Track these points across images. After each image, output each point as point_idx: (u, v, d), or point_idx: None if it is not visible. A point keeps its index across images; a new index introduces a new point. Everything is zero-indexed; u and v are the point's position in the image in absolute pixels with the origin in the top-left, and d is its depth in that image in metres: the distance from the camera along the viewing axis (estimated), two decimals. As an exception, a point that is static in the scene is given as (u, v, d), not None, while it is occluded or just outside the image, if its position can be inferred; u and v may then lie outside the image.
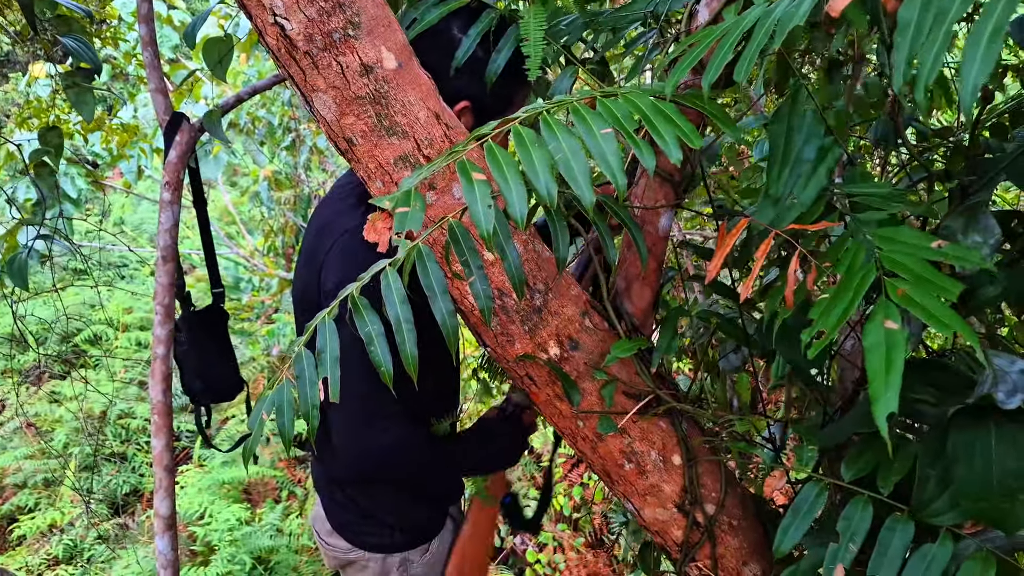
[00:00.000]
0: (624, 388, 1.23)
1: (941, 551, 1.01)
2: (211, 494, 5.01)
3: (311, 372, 0.88)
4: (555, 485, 4.84)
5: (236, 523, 4.79)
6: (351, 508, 1.55)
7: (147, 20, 1.73)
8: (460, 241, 0.92)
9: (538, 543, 4.68)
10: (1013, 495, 0.94)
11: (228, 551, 4.62)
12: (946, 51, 0.70)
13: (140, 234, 7.33)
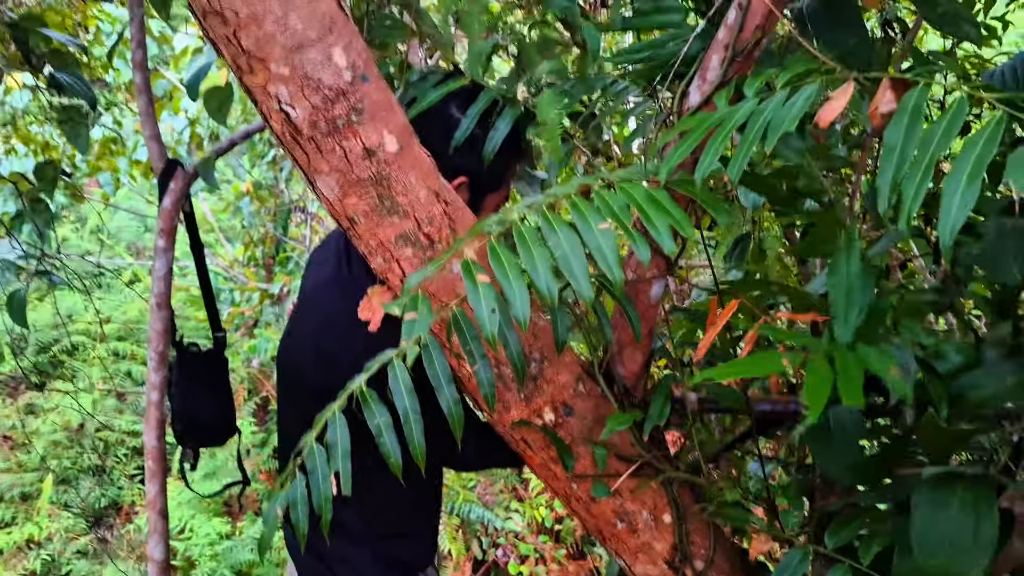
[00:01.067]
0: (617, 451, 1.27)
1: (916, 624, 1.06)
2: (191, 508, 4.99)
3: (323, 466, 0.91)
4: (537, 497, 4.89)
5: (217, 537, 4.78)
6: (323, 572, 1.57)
7: (141, 67, 1.74)
8: (464, 330, 0.95)
9: (519, 555, 4.72)
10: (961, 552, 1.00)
11: (209, 565, 4.62)
12: (930, 181, 0.74)
13: (117, 242, 7.27)
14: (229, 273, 5.76)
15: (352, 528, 1.52)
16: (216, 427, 1.83)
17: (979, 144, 0.74)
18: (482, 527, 4.76)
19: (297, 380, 1.45)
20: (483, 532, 4.76)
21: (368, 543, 1.55)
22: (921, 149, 0.78)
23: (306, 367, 1.38)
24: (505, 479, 5.09)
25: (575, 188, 0.98)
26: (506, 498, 4.96)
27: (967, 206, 0.72)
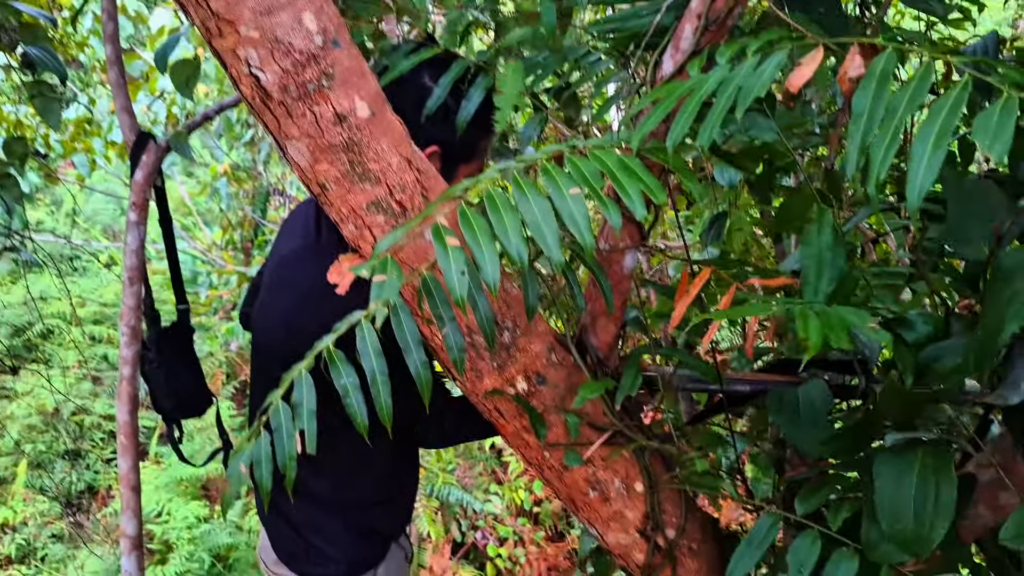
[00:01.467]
0: (589, 420, 1.28)
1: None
2: (168, 491, 4.97)
3: (288, 424, 0.90)
4: (516, 480, 4.91)
5: (195, 521, 4.77)
6: (296, 540, 1.57)
7: (112, 40, 1.72)
8: (433, 294, 0.95)
9: (499, 537, 4.74)
10: (921, 517, 1.01)
11: (187, 549, 4.60)
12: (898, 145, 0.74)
13: (92, 225, 7.20)
14: (207, 256, 5.72)
15: (324, 497, 1.53)
16: (193, 398, 1.82)
17: (945, 107, 0.75)
18: (461, 510, 4.77)
19: (268, 351, 1.45)
20: (462, 515, 4.78)
21: (340, 512, 1.55)
22: (889, 113, 0.79)
23: (276, 337, 1.38)
24: (484, 462, 5.10)
25: (547, 154, 0.98)
26: (485, 481, 4.98)
27: (934, 169, 0.72)
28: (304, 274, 1.37)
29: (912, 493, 1.04)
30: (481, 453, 5.09)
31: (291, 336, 1.28)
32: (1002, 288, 1.00)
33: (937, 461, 1.05)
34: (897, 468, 1.07)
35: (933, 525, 1.02)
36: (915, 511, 1.03)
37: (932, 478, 1.04)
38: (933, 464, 1.06)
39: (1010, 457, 1.13)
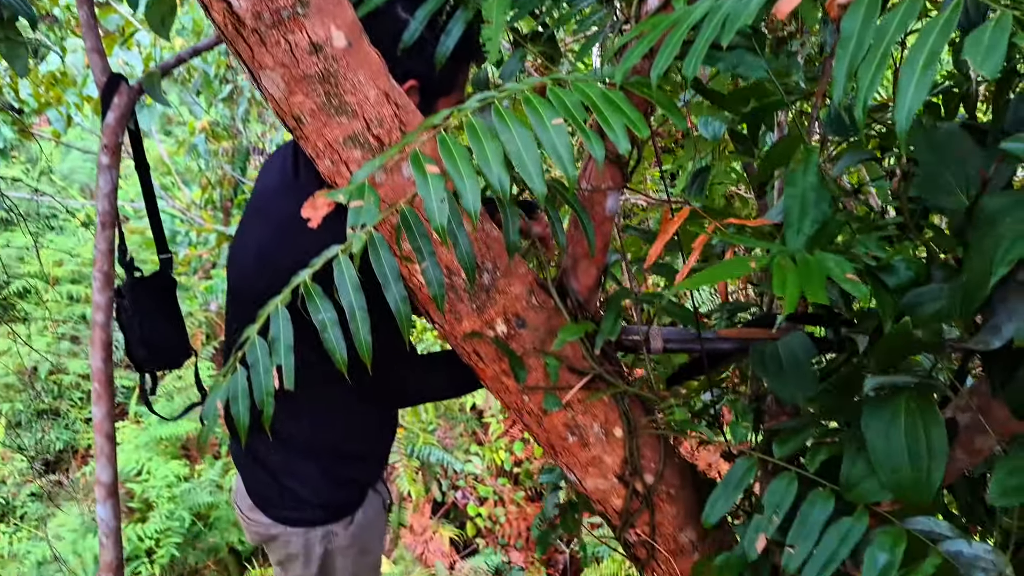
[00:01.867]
0: (569, 364, 1.27)
1: (857, 525, 1.07)
2: (148, 450, 4.95)
3: (265, 360, 0.89)
4: (496, 440, 4.93)
5: (175, 479, 4.75)
6: (271, 485, 1.56)
7: (81, -24, 1.66)
8: (412, 227, 0.93)
9: (479, 497, 4.77)
10: (917, 462, 1.01)
11: (167, 507, 4.59)
12: (885, 68, 0.73)
13: (70, 184, 7.09)
14: (186, 215, 5.65)
15: (300, 441, 1.51)
16: (170, 350, 1.79)
17: (936, 28, 0.73)
18: (442, 469, 4.79)
19: (244, 287, 1.42)
20: (443, 474, 4.80)
21: (316, 457, 1.53)
22: (877, 37, 0.77)
23: (251, 273, 1.36)
24: (465, 423, 5.12)
25: (529, 85, 0.96)
26: (466, 441, 4.99)
27: (923, 90, 0.71)
28: (279, 208, 1.35)
29: (903, 440, 1.04)
30: (462, 414, 5.11)
31: (265, 271, 1.26)
32: (987, 232, 0.99)
33: (922, 404, 1.05)
34: (884, 417, 1.06)
35: (930, 469, 1.02)
36: (910, 457, 1.03)
37: (919, 422, 1.04)
38: (918, 408, 1.05)
39: (987, 401, 1.13)
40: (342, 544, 1.58)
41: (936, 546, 1.04)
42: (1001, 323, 1.03)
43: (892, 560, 1.02)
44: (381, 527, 1.69)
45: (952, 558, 1.03)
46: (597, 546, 4.24)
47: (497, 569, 4.35)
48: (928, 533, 1.06)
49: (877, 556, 1.03)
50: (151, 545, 4.43)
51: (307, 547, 1.58)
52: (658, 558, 1.41)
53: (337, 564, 1.60)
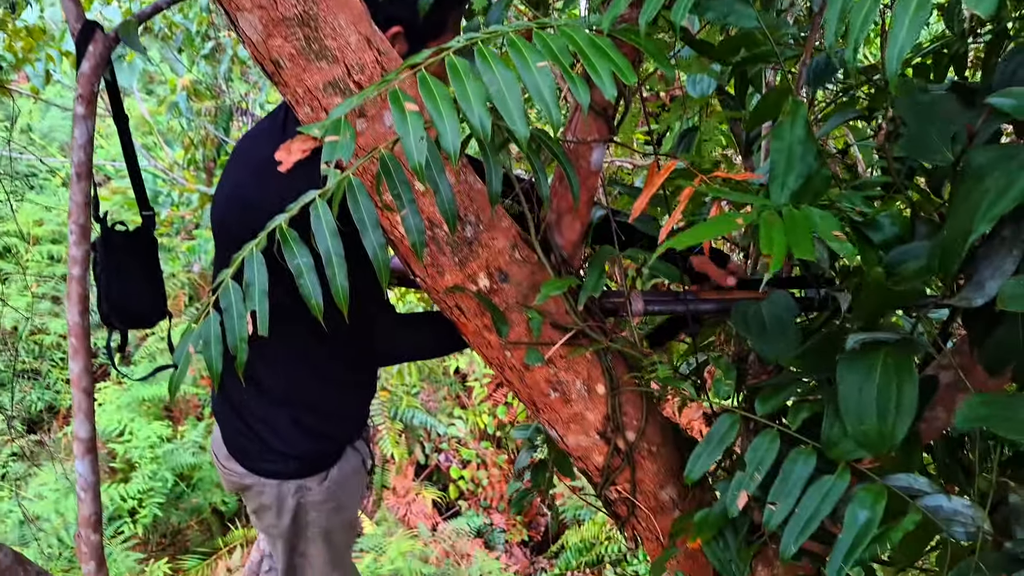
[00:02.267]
0: (552, 320, 1.25)
1: (838, 483, 1.07)
2: (131, 411, 4.94)
3: (239, 305, 0.87)
4: (480, 404, 4.94)
5: (157, 440, 4.75)
6: (246, 435, 1.55)
7: (54, -82, 1.61)
8: (392, 173, 0.90)
9: (462, 460, 4.79)
10: (885, 416, 1.01)
11: (149, 468, 4.59)
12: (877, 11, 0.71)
13: (49, 142, 6.98)
14: (169, 176, 5.58)
15: (276, 393, 1.50)
16: (145, 309, 1.77)
17: (929, -30, 0.71)
18: (425, 432, 4.80)
19: (225, 232, 1.40)
20: (426, 437, 4.81)
21: (292, 410, 1.52)
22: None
23: (231, 217, 1.34)
24: (449, 387, 5.12)
25: (515, 28, 0.93)
26: (449, 405, 5.01)
27: (916, 29, 0.69)
28: (259, 151, 1.32)
29: (875, 394, 1.04)
30: (446, 378, 5.11)
31: (243, 212, 1.23)
32: (972, 186, 0.98)
33: (899, 360, 1.05)
34: (860, 370, 1.06)
35: (895, 424, 1.01)
36: (878, 410, 1.03)
37: (894, 377, 1.03)
38: (895, 364, 1.05)
39: (969, 359, 1.13)
40: (316, 499, 1.58)
41: (915, 502, 1.05)
42: (984, 280, 1.02)
43: (873, 517, 1.03)
44: (358, 485, 1.68)
45: (931, 513, 1.03)
46: (579, 509, 4.28)
47: (479, 531, 4.39)
48: (908, 489, 1.06)
49: (858, 513, 1.03)
50: (134, 505, 4.44)
51: (279, 499, 1.57)
52: (638, 515, 1.41)
53: (310, 518, 1.60)
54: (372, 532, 4.16)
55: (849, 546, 1.02)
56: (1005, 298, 0.92)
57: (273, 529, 1.62)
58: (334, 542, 1.66)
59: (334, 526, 1.63)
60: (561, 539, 4.21)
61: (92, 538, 1.71)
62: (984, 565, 1.01)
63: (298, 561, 1.68)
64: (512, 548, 4.38)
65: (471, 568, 4.02)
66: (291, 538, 1.63)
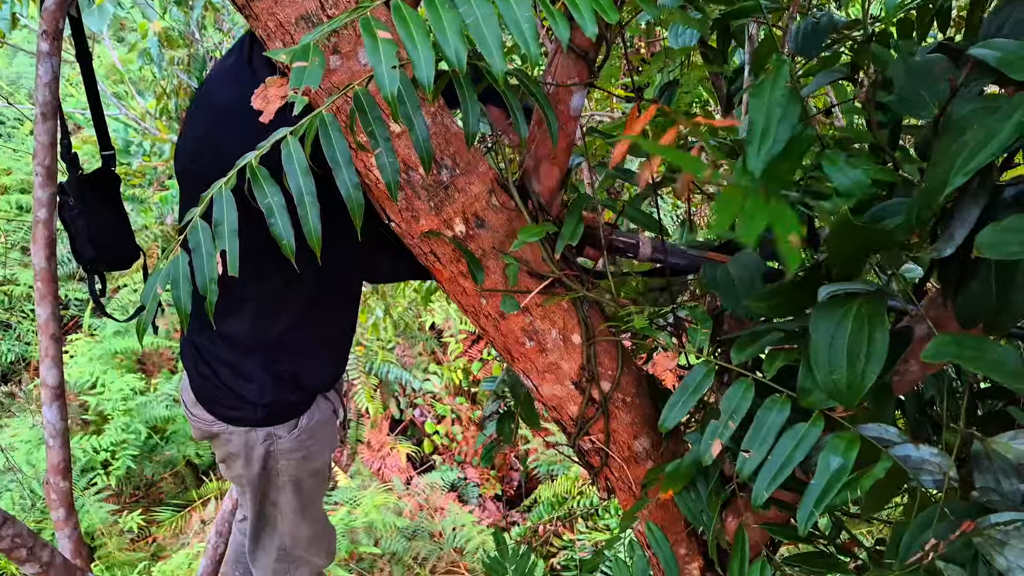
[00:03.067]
0: (528, 268, 1.24)
1: (812, 430, 1.08)
2: (103, 363, 4.89)
3: (208, 244, 0.84)
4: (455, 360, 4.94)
5: (130, 393, 4.71)
6: (213, 381, 1.53)
7: None
8: (365, 109, 0.88)
9: (436, 415, 4.80)
10: (854, 365, 1.01)
11: (122, 420, 4.56)
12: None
13: (17, 89, 6.81)
14: (141, 125, 5.47)
15: (242, 339, 1.48)
16: (119, 248, 1.74)
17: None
18: (400, 387, 4.80)
19: (193, 179, 1.36)
20: (401, 392, 4.81)
21: (259, 356, 1.49)
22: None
23: (201, 163, 1.30)
24: (425, 342, 5.12)
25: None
26: (425, 360, 5.01)
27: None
28: (226, 92, 1.28)
29: (846, 343, 1.04)
30: (422, 333, 5.10)
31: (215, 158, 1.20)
32: (951, 140, 0.97)
33: (872, 310, 1.04)
34: (832, 319, 1.05)
35: (865, 373, 1.02)
36: (848, 360, 1.03)
37: (866, 327, 1.03)
38: (868, 313, 1.05)
39: (943, 312, 1.13)
40: (285, 447, 1.56)
41: (886, 451, 1.05)
42: (954, 230, 1.02)
43: (845, 463, 1.03)
44: (329, 434, 1.66)
45: (901, 462, 1.04)
46: (552, 464, 4.32)
47: (453, 485, 4.42)
48: (878, 439, 1.07)
49: (830, 459, 1.04)
50: (107, 457, 4.42)
51: (248, 447, 1.56)
52: (612, 465, 1.41)
53: (280, 466, 1.59)
54: (347, 485, 4.17)
55: (820, 491, 1.03)
56: (982, 245, 0.91)
57: (242, 478, 1.62)
58: (304, 490, 1.65)
59: (304, 475, 1.63)
60: (534, 493, 4.25)
61: (61, 485, 1.70)
62: (950, 512, 1.03)
63: (268, 510, 1.67)
64: (485, 502, 4.42)
65: (444, 521, 4.05)
66: (261, 486, 1.62)
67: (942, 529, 0.99)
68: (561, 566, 3.83)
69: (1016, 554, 0.92)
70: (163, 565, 3.85)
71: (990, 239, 0.90)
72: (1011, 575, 0.91)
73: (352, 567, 3.84)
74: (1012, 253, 0.89)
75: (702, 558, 1.47)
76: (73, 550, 1.72)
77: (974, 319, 1.05)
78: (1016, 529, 0.92)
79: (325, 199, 0.90)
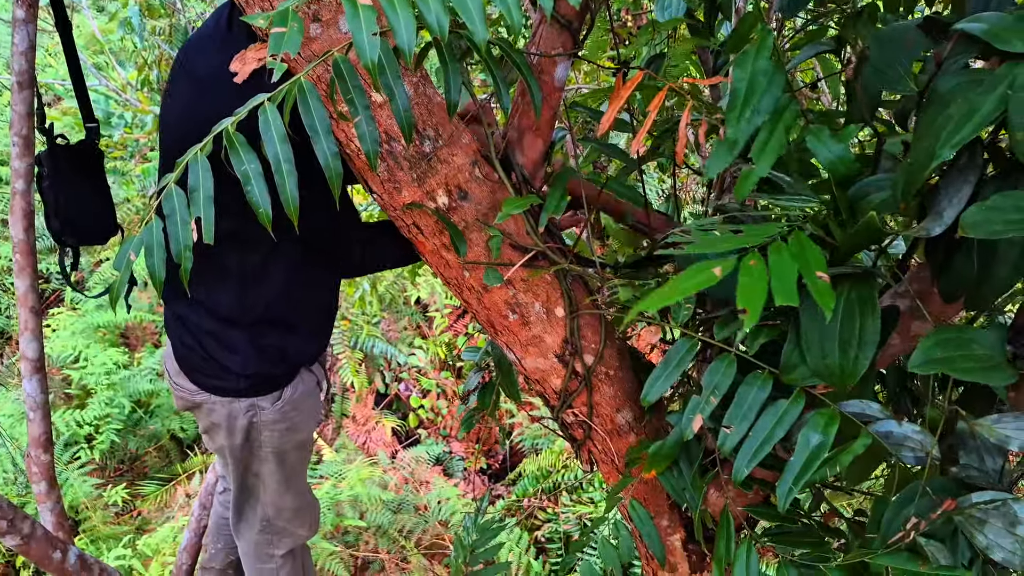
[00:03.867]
0: (511, 241, 1.23)
1: (793, 407, 1.08)
2: (85, 337, 4.85)
3: (183, 211, 0.83)
4: (440, 335, 4.94)
5: (113, 367, 4.68)
6: (199, 353, 1.52)
7: None
8: (345, 78, 0.87)
9: (421, 389, 4.80)
10: (847, 349, 1.01)
11: (105, 394, 4.53)
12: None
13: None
14: (121, 97, 5.39)
15: (226, 308, 1.46)
16: (95, 224, 1.71)
17: None
18: (385, 362, 4.80)
19: (171, 146, 1.34)
20: (386, 367, 4.81)
21: (241, 326, 1.47)
22: None
23: (179, 131, 1.28)
24: (410, 316, 5.11)
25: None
26: (410, 335, 5.00)
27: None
28: (205, 60, 1.26)
29: (837, 328, 1.03)
30: (407, 308, 5.09)
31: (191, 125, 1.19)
32: (936, 113, 0.96)
33: (862, 293, 1.04)
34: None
35: (858, 357, 1.01)
36: (840, 344, 1.02)
37: (856, 310, 1.03)
38: (858, 297, 1.04)
39: (926, 287, 1.14)
40: (268, 419, 1.56)
41: (867, 427, 1.05)
42: (943, 209, 1.02)
43: (825, 440, 1.03)
44: (313, 407, 1.66)
45: (882, 438, 1.04)
46: (537, 438, 4.33)
47: (438, 459, 4.43)
48: (859, 415, 1.07)
49: (810, 436, 1.04)
50: (90, 431, 4.39)
51: (230, 418, 1.55)
52: (594, 438, 1.42)
53: (263, 438, 1.58)
54: (332, 459, 4.17)
55: (800, 468, 1.03)
56: (966, 225, 0.91)
57: (225, 449, 1.61)
58: (287, 462, 1.65)
59: (287, 446, 1.62)
60: (519, 467, 4.27)
61: (43, 458, 1.69)
62: (930, 489, 1.03)
63: (251, 481, 1.67)
64: (470, 476, 4.43)
65: (430, 495, 4.07)
66: (243, 458, 1.62)
67: (923, 506, 0.99)
68: (545, 539, 3.86)
69: (996, 532, 0.93)
70: (148, 538, 3.85)
71: (974, 218, 0.90)
72: (991, 553, 0.92)
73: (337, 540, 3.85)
74: (996, 232, 0.89)
75: (684, 529, 1.48)
76: (55, 523, 1.71)
77: (956, 294, 1.05)
78: (996, 508, 0.93)
79: (303, 167, 0.89)
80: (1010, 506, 0.94)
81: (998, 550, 0.93)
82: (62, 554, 1.56)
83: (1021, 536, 0.91)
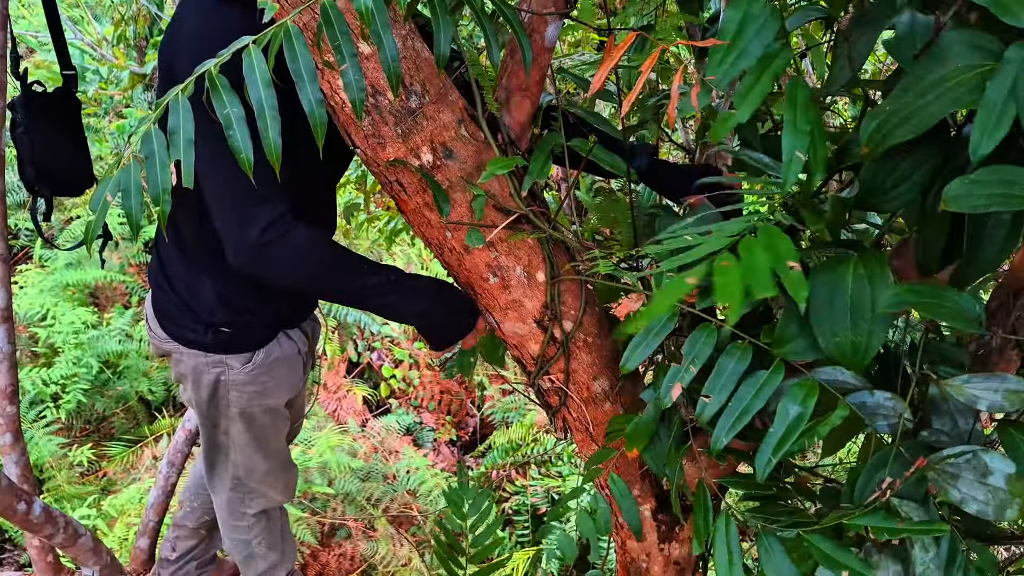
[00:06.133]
0: (495, 203, 1.22)
1: (772, 377, 1.07)
2: (54, 296, 4.77)
3: (162, 153, 0.81)
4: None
5: (82, 326, 4.61)
6: (172, 299, 1.51)
7: None
8: (333, 24, 0.84)
9: (394, 359, 4.79)
10: (859, 326, 1.00)
11: (73, 354, 4.47)
12: None
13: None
14: (97, 52, 5.28)
15: (203, 258, 1.43)
16: (70, 174, 1.68)
17: None
18: (358, 330, 4.77)
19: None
20: (359, 335, 4.78)
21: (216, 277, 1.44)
22: None
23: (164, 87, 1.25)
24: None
25: None
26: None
27: None
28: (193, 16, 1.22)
29: (848, 304, 1.01)
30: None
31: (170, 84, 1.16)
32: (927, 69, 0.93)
33: (870, 268, 1.01)
34: (829, 282, 1.02)
35: (871, 333, 0.99)
36: (853, 321, 1.00)
37: (867, 285, 1.00)
38: (867, 272, 1.01)
39: (909, 262, 1.14)
40: (237, 379, 1.54)
41: (843, 398, 1.06)
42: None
43: (804, 411, 1.03)
44: (288, 374, 1.63)
45: (857, 408, 1.04)
46: (508, 411, 4.34)
47: (408, 428, 4.42)
48: (834, 383, 1.07)
49: (789, 408, 1.04)
50: (56, 390, 4.33)
51: (196, 371, 1.53)
52: (570, 405, 1.41)
53: (230, 398, 1.56)
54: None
55: (779, 438, 1.03)
56: (949, 198, 0.90)
57: (192, 401, 1.60)
58: (257, 424, 1.63)
59: (255, 409, 1.60)
60: (488, 440, 4.27)
61: (8, 410, 1.66)
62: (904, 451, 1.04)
63: (220, 438, 1.65)
64: (440, 446, 4.43)
65: (399, 464, 4.06)
66: (210, 414, 1.60)
67: (896, 468, 1.00)
68: (513, 511, 3.87)
69: (968, 485, 0.93)
70: (113, 499, 3.81)
71: (957, 191, 0.89)
72: (965, 506, 0.93)
73: (305, 506, 3.84)
74: (979, 207, 0.88)
75: (654, 499, 1.48)
76: (19, 475, 1.69)
77: (931, 267, 1.05)
78: (967, 461, 0.94)
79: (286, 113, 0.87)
80: (980, 457, 0.94)
81: (972, 502, 0.93)
82: (27, 505, 1.54)
83: (993, 486, 0.92)
